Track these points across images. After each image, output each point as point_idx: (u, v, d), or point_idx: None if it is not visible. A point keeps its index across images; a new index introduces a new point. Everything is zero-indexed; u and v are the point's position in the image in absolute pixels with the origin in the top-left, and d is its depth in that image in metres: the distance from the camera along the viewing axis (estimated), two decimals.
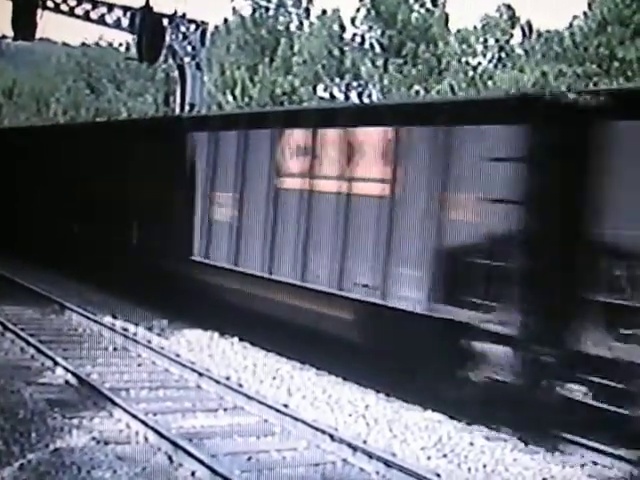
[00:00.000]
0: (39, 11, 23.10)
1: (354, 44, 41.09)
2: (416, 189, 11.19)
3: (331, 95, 40.34)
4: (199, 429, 9.78)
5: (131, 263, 17.36)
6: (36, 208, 22.46)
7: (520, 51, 37.31)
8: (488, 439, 9.92)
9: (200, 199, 15.95)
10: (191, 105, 25.83)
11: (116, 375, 11.93)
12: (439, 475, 8.51)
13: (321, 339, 12.19)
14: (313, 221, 12.92)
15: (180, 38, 25.82)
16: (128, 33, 26.80)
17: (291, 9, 43.60)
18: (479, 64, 38.10)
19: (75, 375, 11.44)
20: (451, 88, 35.64)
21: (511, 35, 38.49)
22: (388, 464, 8.57)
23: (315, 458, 9.02)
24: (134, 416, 9.68)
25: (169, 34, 25.34)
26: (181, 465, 8.46)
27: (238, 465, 8.54)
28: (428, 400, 10.64)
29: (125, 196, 18.21)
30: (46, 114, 55.21)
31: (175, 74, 28.04)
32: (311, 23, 42.95)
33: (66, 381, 11.40)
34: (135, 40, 25.82)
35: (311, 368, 12.78)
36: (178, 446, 8.72)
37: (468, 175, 10.46)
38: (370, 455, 8.78)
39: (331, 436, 9.30)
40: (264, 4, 43.22)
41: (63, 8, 24.80)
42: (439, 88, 36.24)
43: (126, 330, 14.69)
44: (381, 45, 40.45)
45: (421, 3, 40.35)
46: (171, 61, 27.43)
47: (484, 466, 9.10)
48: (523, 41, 37.96)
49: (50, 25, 60.09)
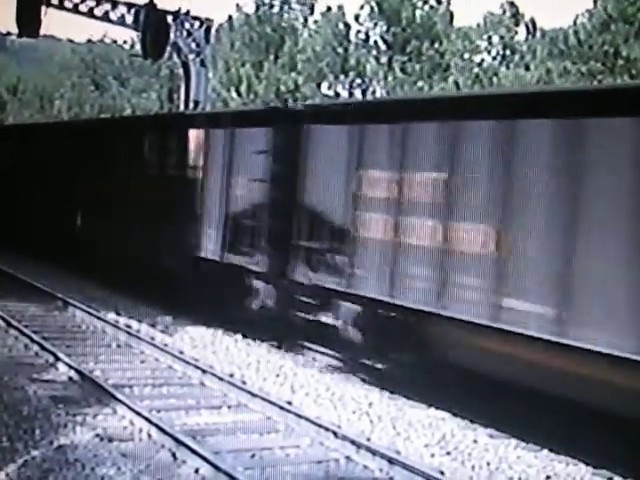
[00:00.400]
0: (43, 8, 23.07)
1: (358, 41, 41.07)
2: (215, 175, 15.85)
3: (335, 93, 40.32)
4: (203, 426, 9.79)
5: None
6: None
7: (524, 48, 37.26)
8: (492, 437, 9.93)
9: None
10: (195, 102, 25.78)
11: (119, 372, 11.94)
12: (443, 473, 8.51)
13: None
14: None
15: (184, 35, 25.76)
16: (132, 30, 26.81)
17: (295, 6, 43.57)
18: (482, 61, 38.08)
19: (79, 372, 11.46)
20: (456, 85, 35.60)
21: (515, 32, 38.46)
22: (392, 461, 8.57)
23: (318, 455, 9.03)
24: (138, 413, 9.69)
25: (173, 31, 25.28)
26: (185, 462, 8.47)
27: (241, 462, 8.55)
28: (226, 321, 14.77)
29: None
30: (50, 111, 55.23)
31: (179, 71, 28.03)
32: (315, 20, 42.93)
33: (70, 378, 11.41)
34: (139, 37, 25.76)
35: (314, 365, 12.79)
36: (182, 443, 8.72)
37: (242, 163, 15.08)
38: (374, 452, 8.78)
39: (334, 433, 9.31)
40: (267, 1, 43.19)
41: (67, 5, 24.72)
42: (443, 85, 36.21)
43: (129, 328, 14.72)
44: (385, 42, 40.42)
45: (425, 0, 40.32)
46: (175, 58, 27.42)
47: (488, 464, 9.09)
48: (527, 38, 37.94)
49: (54, 22, 60.17)
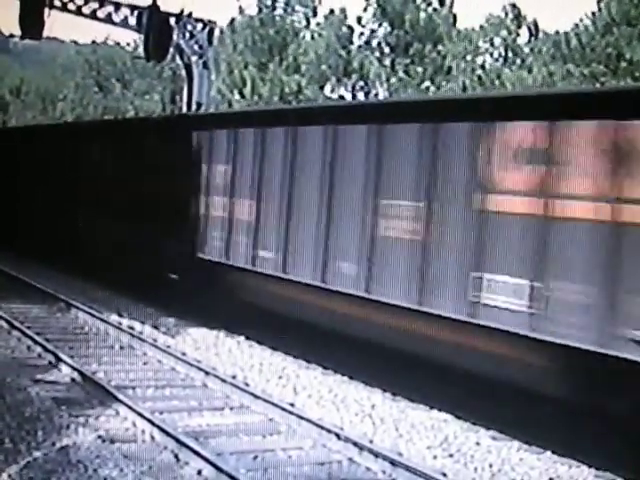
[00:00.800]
0: (46, 10, 23.07)
1: (361, 43, 41.08)
2: None
3: (339, 95, 40.34)
4: (205, 428, 9.78)
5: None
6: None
7: (527, 50, 37.27)
8: (494, 439, 9.91)
9: None
10: (198, 104, 25.82)
11: (122, 373, 11.94)
12: (445, 475, 8.50)
13: None
14: None
15: (187, 37, 25.79)
16: (135, 32, 26.80)
17: (298, 8, 43.58)
18: (484, 62, 38.07)
19: (81, 373, 11.45)
20: (463, 86, 35.62)
21: (517, 34, 38.45)
22: (394, 463, 8.56)
23: (321, 457, 9.02)
24: (140, 414, 9.68)
25: (176, 33, 25.29)
26: (187, 463, 8.47)
27: (244, 464, 8.55)
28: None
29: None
30: (52, 113, 55.26)
31: (182, 73, 28.04)
32: (318, 23, 42.94)
33: (72, 379, 11.41)
34: (142, 39, 25.78)
35: (317, 367, 12.79)
36: (184, 444, 8.72)
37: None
38: (376, 454, 8.77)
39: (337, 435, 9.30)
40: (270, 3, 43.20)
41: (70, 7, 24.73)
42: (449, 87, 36.23)
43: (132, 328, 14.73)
44: (388, 44, 40.43)
45: (428, 2, 40.32)
46: (178, 60, 27.43)
47: (490, 466, 9.08)
48: (530, 40, 37.93)
49: (57, 24, 60.21)
